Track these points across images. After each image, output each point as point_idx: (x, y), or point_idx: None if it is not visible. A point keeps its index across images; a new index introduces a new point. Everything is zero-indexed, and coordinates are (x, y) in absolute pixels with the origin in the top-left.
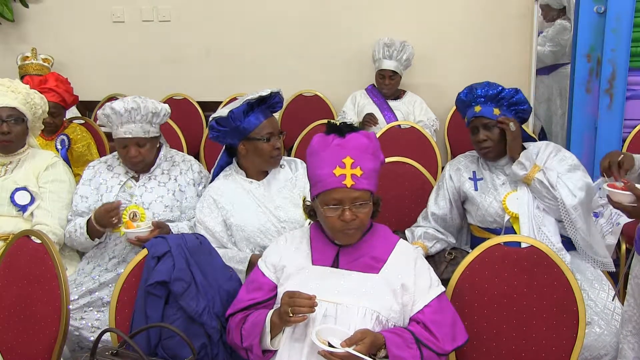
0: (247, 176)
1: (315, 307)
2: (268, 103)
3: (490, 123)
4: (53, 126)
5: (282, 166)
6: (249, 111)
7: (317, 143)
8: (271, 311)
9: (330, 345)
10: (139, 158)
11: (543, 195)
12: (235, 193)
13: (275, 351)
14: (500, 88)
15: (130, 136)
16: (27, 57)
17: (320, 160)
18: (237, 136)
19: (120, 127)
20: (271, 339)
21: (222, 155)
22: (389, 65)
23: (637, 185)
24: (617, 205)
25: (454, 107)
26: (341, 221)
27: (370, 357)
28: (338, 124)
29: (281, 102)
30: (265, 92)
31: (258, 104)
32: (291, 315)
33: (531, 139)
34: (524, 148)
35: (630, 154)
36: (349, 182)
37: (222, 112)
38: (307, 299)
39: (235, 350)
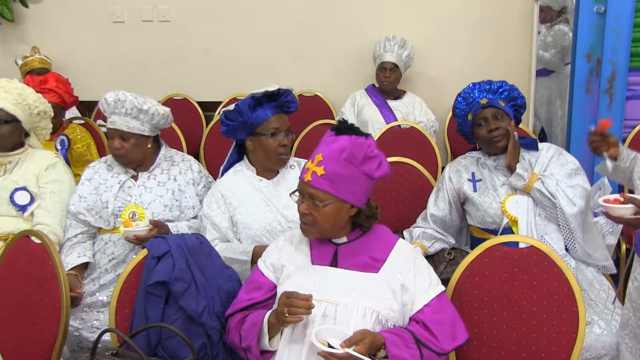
0: (257, 174)
1: (312, 308)
2: (279, 101)
3: (498, 112)
4: (53, 126)
5: (293, 167)
6: (256, 106)
7: (323, 137)
8: (269, 312)
9: (329, 346)
10: (121, 151)
11: (543, 204)
12: (243, 190)
13: (274, 351)
14: (500, 82)
15: (112, 127)
16: (27, 56)
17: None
18: (245, 131)
19: (109, 117)
20: (269, 340)
21: (232, 152)
22: (389, 57)
23: (635, 196)
24: (618, 220)
25: None
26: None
27: (370, 358)
28: (345, 124)
29: (295, 103)
30: (272, 88)
31: (268, 100)
32: (287, 315)
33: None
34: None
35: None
36: (307, 176)
37: (231, 106)
38: (304, 299)
39: (235, 351)
